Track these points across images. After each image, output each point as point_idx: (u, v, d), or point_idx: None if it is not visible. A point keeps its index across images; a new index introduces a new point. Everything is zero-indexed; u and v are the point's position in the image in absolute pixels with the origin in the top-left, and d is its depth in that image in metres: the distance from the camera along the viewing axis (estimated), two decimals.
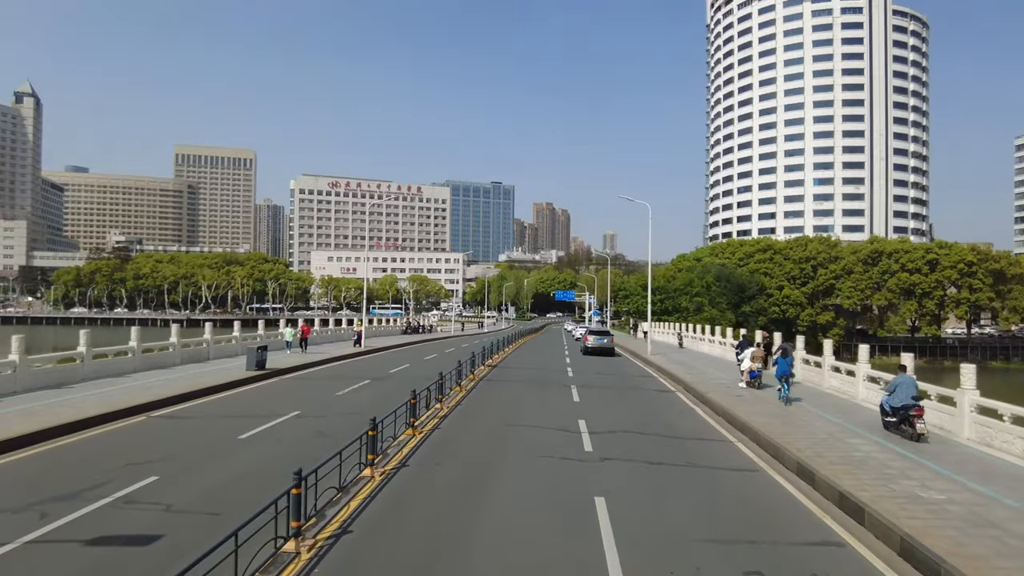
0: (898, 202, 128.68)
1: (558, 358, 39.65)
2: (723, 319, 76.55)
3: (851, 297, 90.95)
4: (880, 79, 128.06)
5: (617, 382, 28.67)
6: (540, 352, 43.68)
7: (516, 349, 45.67)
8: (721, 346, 40.46)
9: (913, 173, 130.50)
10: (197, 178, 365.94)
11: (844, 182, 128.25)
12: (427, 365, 31.93)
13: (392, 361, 34.24)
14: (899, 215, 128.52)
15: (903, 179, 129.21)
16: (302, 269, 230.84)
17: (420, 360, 35.31)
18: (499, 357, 37.13)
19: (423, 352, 41.21)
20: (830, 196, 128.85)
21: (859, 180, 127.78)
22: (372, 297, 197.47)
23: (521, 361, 36.77)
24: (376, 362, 33.71)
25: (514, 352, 43.16)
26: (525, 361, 36.92)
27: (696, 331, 48.17)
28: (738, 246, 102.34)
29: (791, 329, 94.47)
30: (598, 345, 39.64)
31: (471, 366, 26.80)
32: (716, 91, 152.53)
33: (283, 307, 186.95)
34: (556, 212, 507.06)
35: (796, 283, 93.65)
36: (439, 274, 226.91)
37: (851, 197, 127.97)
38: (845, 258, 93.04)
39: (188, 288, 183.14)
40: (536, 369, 32.55)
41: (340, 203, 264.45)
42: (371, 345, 42.12)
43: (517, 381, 27.38)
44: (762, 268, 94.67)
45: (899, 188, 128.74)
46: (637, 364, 37.45)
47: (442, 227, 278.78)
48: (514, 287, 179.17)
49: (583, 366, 34.98)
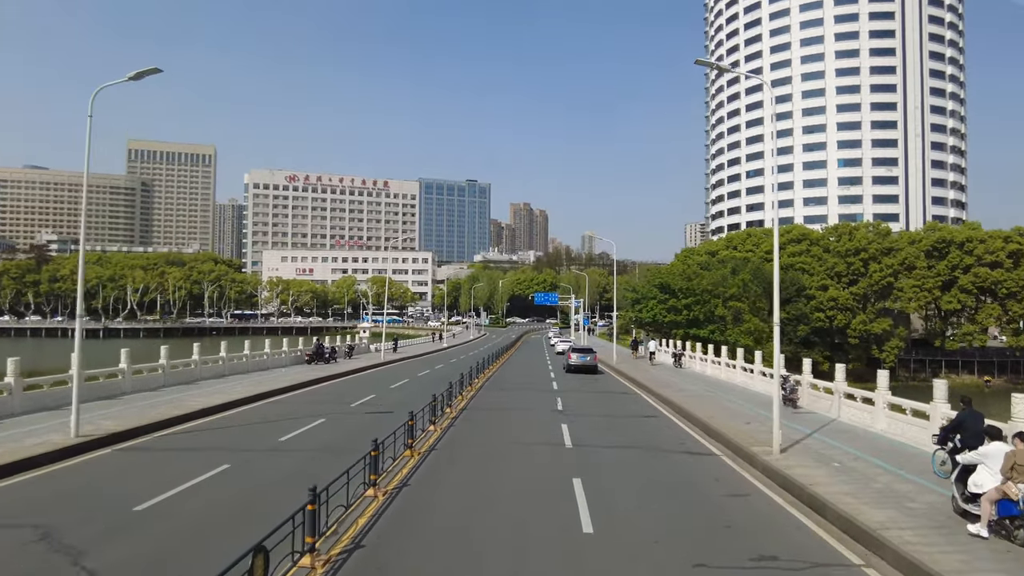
0: (936, 187, 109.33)
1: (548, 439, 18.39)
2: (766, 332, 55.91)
3: (915, 299, 70.77)
4: (914, 42, 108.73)
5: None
6: (512, 411, 22.30)
7: (474, 395, 24.43)
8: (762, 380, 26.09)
9: (952, 153, 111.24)
10: (152, 175, 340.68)
11: (874, 163, 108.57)
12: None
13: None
14: (937, 201, 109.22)
15: (941, 159, 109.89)
16: (256, 271, 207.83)
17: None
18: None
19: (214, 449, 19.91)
20: (858, 179, 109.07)
21: (892, 160, 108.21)
22: (327, 302, 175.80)
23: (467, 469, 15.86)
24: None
25: (470, 404, 21.96)
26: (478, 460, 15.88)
27: (728, 356, 28.16)
28: (762, 236, 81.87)
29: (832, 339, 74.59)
30: (581, 363, 38.47)
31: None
32: (718, 60, 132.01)
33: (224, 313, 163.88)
34: (534, 212, 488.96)
35: (842, 281, 73.35)
36: (406, 275, 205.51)
37: (883, 180, 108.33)
38: (904, 249, 72.90)
39: (113, 292, 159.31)
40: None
41: (298, 198, 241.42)
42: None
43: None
44: (798, 263, 74.28)
45: (937, 170, 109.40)
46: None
47: (411, 225, 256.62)
48: (487, 289, 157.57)
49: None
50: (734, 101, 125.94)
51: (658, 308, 46.36)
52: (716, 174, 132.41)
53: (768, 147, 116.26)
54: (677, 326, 47.05)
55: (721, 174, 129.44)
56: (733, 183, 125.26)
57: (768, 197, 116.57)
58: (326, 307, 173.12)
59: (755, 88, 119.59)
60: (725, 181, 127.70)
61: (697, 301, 47.18)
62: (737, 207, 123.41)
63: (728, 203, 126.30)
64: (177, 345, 39.22)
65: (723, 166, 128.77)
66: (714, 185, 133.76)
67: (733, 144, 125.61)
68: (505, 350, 57.10)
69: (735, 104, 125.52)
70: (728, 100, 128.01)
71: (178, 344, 45.01)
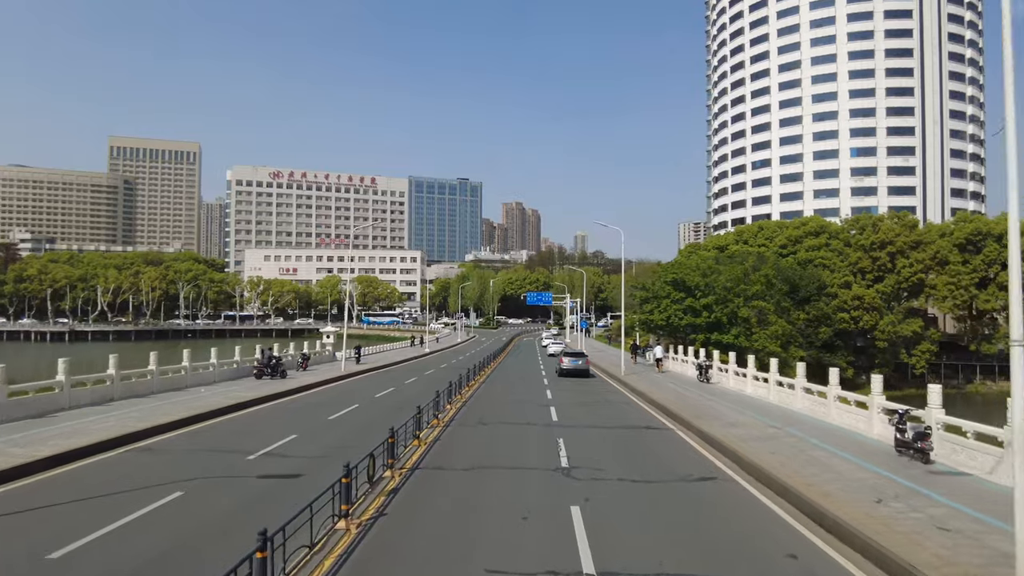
0: (956, 178, 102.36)
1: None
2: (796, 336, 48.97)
3: (951, 297, 63.61)
4: (932, 23, 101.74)
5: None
6: (493, 475, 14.64)
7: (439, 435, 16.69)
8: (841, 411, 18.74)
9: (971, 142, 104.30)
10: (135, 173, 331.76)
11: (889, 152, 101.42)
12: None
13: None
14: (956, 193, 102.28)
15: (961, 148, 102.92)
16: (239, 271, 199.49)
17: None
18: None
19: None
20: (872, 170, 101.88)
21: (909, 149, 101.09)
22: (310, 303, 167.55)
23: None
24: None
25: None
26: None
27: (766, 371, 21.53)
28: (776, 228, 74.60)
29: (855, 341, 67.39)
30: (573, 367, 38.28)
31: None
32: (720, 46, 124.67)
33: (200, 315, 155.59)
34: (526, 212, 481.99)
35: (867, 278, 66.17)
36: (394, 275, 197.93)
37: (899, 171, 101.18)
38: (935, 242, 65.78)
39: (84, 293, 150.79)
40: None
41: (283, 195, 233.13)
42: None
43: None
44: (817, 258, 67.22)
45: (957, 160, 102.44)
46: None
47: (399, 223, 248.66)
48: (477, 288, 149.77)
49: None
50: (738, 88, 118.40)
51: (673, 308, 38.84)
52: (719, 165, 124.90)
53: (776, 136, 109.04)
54: (696, 330, 39.61)
55: (724, 165, 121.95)
56: (737, 175, 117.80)
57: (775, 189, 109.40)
58: (309, 308, 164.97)
59: (761, 73, 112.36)
60: (729, 173, 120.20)
61: (718, 300, 39.61)
62: (742, 200, 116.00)
63: (732, 196, 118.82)
64: (135, 351, 32.85)
65: (726, 157, 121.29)
66: (716, 178, 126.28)
67: (737, 134, 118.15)
68: (493, 357, 49.64)
69: (739, 91, 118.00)
70: (732, 87, 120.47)
71: (137, 350, 38.17)
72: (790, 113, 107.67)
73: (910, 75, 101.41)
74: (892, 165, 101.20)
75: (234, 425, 19.37)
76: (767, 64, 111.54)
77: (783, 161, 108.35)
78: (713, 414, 20.85)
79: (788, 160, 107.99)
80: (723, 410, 21.88)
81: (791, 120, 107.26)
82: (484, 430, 18.74)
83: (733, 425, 18.55)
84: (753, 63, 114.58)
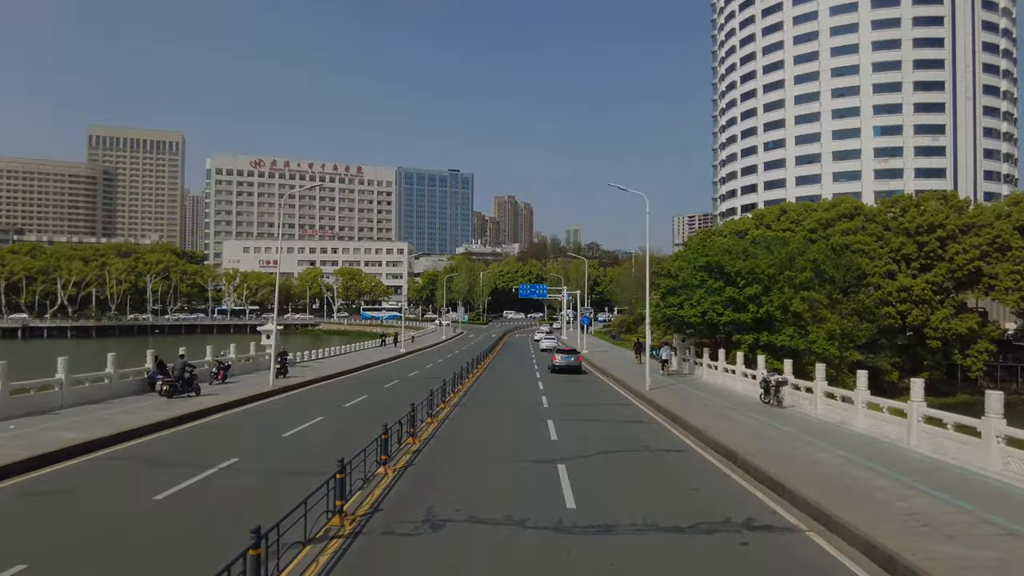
0: (988, 159, 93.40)
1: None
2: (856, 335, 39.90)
3: (1014, 288, 54.55)
4: None
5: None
6: None
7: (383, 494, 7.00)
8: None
9: (1004, 120, 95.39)
10: (115, 163, 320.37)
11: (917, 130, 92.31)
12: None
13: None
14: (989, 176, 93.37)
15: (994, 127, 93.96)
16: (218, 263, 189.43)
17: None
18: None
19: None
20: (898, 150, 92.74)
21: (938, 128, 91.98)
22: (289, 296, 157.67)
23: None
24: None
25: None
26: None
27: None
28: (803, 211, 65.32)
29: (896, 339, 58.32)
30: (566, 363, 39.06)
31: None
32: (729, 18, 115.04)
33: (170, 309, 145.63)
34: (518, 205, 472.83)
35: (912, 267, 57.04)
36: (380, 267, 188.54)
37: (927, 151, 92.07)
38: (992, 225, 56.75)
39: (44, 286, 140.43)
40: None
41: (264, 185, 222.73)
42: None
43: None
44: (853, 243, 57.86)
45: (990, 140, 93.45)
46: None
47: (387, 214, 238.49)
48: (466, 281, 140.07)
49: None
50: (749, 63, 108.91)
51: (709, 301, 29.32)
52: (726, 148, 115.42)
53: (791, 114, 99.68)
54: (742, 329, 30.18)
55: (733, 147, 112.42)
56: (748, 157, 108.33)
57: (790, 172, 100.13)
58: (288, 302, 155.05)
59: (775, 46, 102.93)
60: (738, 156, 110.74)
61: (766, 290, 30.14)
62: (753, 184, 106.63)
63: (742, 180, 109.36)
64: (83, 349, 24.41)
65: (735, 138, 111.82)
66: (724, 161, 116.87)
67: (748, 112, 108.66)
68: (478, 362, 40.31)
69: (750, 66, 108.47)
70: (741, 62, 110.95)
71: (82, 348, 29.78)
72: (806, 89, 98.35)
73: (940, 45, 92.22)
74: (920, 145, 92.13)
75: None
76: (780, 36, 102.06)
77: (799, 141, 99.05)
78: (860, 494, 11.35)
79: (804, 140, 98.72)
80: (862, 475, 12.50)
81: (808, 96, 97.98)
82: (455, 484, 9.20)
83: (926, 526, 9.21)
84: (765, 35, 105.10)
